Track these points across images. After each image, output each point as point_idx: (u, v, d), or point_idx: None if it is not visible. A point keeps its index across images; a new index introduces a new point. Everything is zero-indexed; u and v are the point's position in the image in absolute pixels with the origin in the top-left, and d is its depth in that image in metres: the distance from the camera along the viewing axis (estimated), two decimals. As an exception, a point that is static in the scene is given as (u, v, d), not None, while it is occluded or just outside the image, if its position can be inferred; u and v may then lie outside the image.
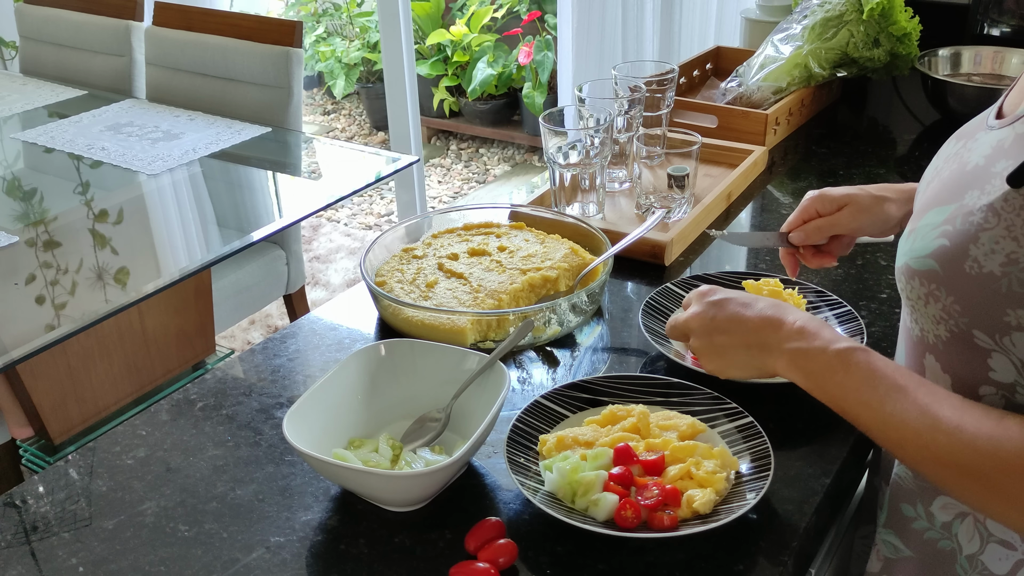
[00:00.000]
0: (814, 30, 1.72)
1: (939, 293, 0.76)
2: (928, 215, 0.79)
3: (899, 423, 0.73)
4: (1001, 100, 0.82)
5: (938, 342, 0.79)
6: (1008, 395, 0.75)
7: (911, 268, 0.78)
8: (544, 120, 1.34)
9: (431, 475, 0.84)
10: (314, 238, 3.87)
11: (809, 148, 1.71)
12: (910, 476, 0.87)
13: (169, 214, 2.04)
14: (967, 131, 0.84)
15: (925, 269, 0.77)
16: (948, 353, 0.78)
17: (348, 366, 0.96)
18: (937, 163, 0.87)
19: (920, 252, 0.77)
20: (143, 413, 1.04)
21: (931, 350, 0.81)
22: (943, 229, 0.76)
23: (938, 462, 0.71)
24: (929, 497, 0.85)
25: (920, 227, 0.79)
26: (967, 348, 0.76)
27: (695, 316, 0.90)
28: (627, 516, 0.82)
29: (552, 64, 4.17)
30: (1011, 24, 1.98)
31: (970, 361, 0.76)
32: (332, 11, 5.14)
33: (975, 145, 0.79)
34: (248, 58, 2.40)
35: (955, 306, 0.75)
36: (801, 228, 1.08)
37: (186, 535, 0.86)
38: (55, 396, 1.79)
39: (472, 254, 1.26)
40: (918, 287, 0.78)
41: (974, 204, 0.74)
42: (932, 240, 0.76)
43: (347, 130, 5.09)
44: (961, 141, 0.83)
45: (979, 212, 0.73)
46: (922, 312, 0.79)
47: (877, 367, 0.76)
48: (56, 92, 2.68)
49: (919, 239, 0.78)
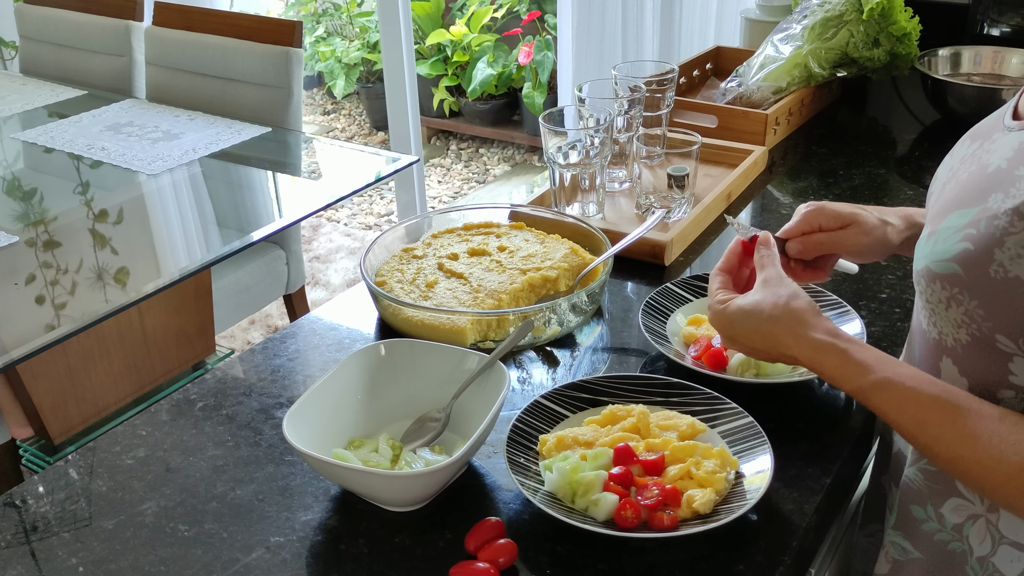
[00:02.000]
0: (814, 30, 1.72)
1: (962, 297, 0.75)
2: (949, 218, 0.77)
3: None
4: (1016, 99, 0.81)
5: (957, 345, 0.78)
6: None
7: (932, 271, 0.77)
8: (544, 120, 1.34)
9: (431, 475, 0.84)
10: (314, 238, 3.87)
11: (809, 148, 1.71)
12: (920, 478, 0.86)
13: (169, 214, 2.04)
14: (982, 131, 0.83)
15: (947, 273, 0.76)
16: (967, 356, 0.78)
17: (348, 366, 0.96)
18: (952, 163, 0.85)
19: (942, 255, 0.76)
20: (143, 413, 1.04)
21: (949, 353, 0.80)
22: (966, 232, 0.75)
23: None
24: (940, 499, 0.85)
25: (941, 230, 0.78)
26: (988, 352, 0.75)
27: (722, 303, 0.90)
28: (627, 516, 0.82)
29: (552, 64, 4.17)
30: (1011, 24, 1.98)
31: (990, 365, 0.76)
32: (332, 11, 5.14)
33: (993, 147, 0.79)
34: (248, 58, 2.40)
35: (978, 310, 0.74)
36: (801, 240, 1.00)
37: (186, 535, 0.86)
38: (55, 396, 1.79)
39: (472, 254, 1.26)
40: (939, 291, 0.77)
41: (999, 207, 0.73)
42: (955, 244, 0.75)
43: (347, 130, 5.09)
44: (977, 142, 0.82)
45: (1004, 216, 0.72)
46: (942, 316, 0.78)
47: (904, 389, 0.77)
48: (56, 92, 2.68)
49: (940, 242, 0.77)
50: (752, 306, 0.87)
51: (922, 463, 0.86)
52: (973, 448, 0.72)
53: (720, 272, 0.94)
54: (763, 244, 0.93)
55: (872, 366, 0.79)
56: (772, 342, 0.85)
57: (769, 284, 0.88)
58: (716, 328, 0.91)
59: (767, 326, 0.85)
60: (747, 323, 0.86)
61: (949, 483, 0.83)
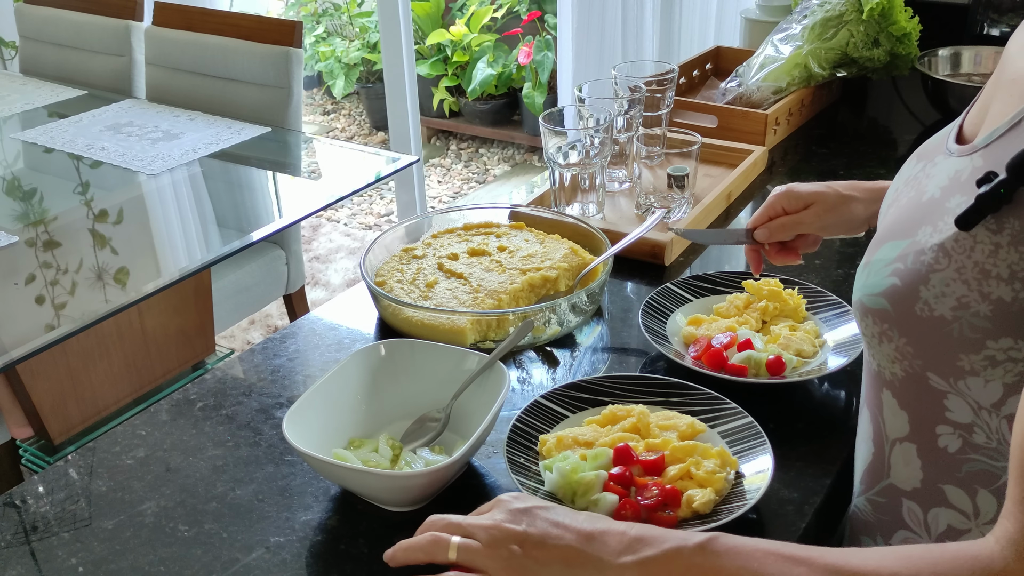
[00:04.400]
0: (814, 30, 1.72)
1: (891, 333, 0.73)
2: (882, 249, 0.75)
3: None
4: (961, 119, 0.78)
5: (894, 379, 0.76)
6: (965, 435, 0.72)
7: (864, 305, 0.75)
8: (544, 120, 1.34)
9: (431, 475, 0.84)
10: (314, 238, 3.87)
11: (809, 148, 1.71)
12: (869, 509, 0.84)
13: (169, 214, 2.04)
14: (927, 151, 0.80)
15: (878, 308, 0.73)
16: (904, 391, 0.75)
17: (348, 366, 0.96)
18: (897, 184, 0.83)
19: (873, 289, 0.74)
20: (143, 413, 1.04)
21: (888, 386, 0.77)
22: (895, 267, 0.72)
23: None
24: (888, 531, 0.82)
25: (874, 261, 0.75)
26: (922, 388, 0.73)
27: (495, 526, 0.71)
28: (627, 516, 0.82)
29: (552, 64, 4.17)
30: (1011, 24, 1.98)
31: (926, 401, 0.73)
32: (332, 11, 5.14)
33: (934, 171, 0.76)
34: (248, 58, 2.40)
35: (908, 347, 0.72)
36: (765, 226, 1.06)
37: (186, 535, 0.86)
38: (55, 396, 1.79)
39: (472, 254, 1.26)
40: (871, 325, 0.75)
41: (926, 242, 0.70)
42: (884, 278, 0.73)
43: (347, 130, 5.08)
44: (921, 163, 0.79)
45: (930, 251, 0.69)
46: (877, 349, 0.76)
47: (751, 545, 0.66)
48: (56, 92, 2.68)
49: (872, 275, 0.75)
50: (560, 508, 0.74)
51: (870, 493, 0.83)
52: None
53: None
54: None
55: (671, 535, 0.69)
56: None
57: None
58: (496, 535, 0.71)
59: (584, 520, 0.72)
60: (553, 517, 0.72)
61: (896, 515, 0.80)
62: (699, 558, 0.66)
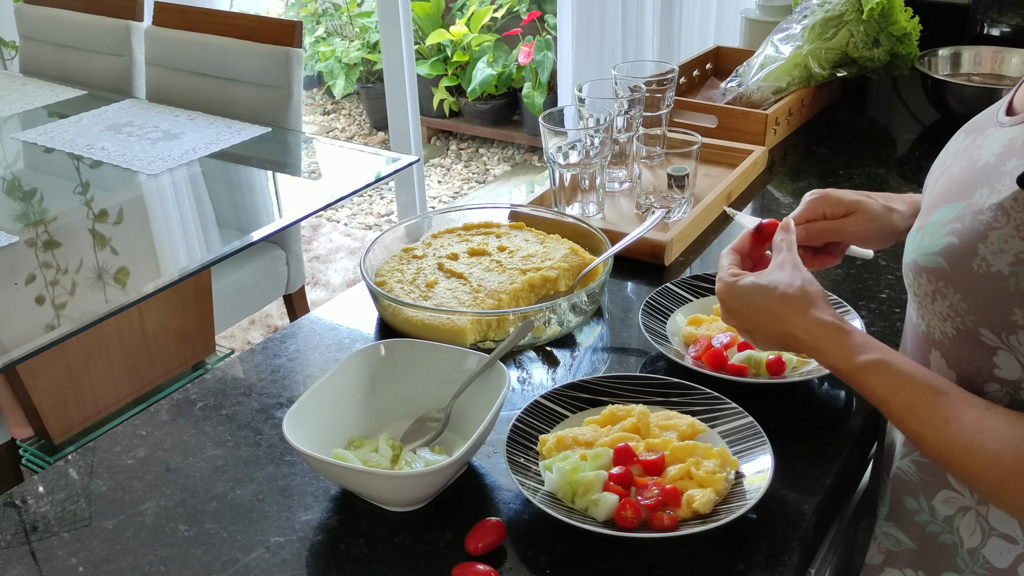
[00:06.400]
0: (814, 30, 1.72)
1: (946, 290, 0.76)
2: (937, 212, 0.79)
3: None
4: (1011, 95, 0.82)
5: (944, 338, 0.79)
6: (1013, 392, 0.75)
7: (919, 265, 0.79)
8: (544, 120, 1.34)
9: (431, 475, 0.84)
10: (314, 238, 3.87)
11: (809, 148, 1.71)
12: (912, 469, 0.87)
13: (169, 214, 2.04)
14: (976, 126, 0.84)
15: (933, 266, 0.77)
16: (954, 349, 0.79)
17: (348, 366, 0.96)
18: (946, 157, 0.86)
19: (929, 249, 0.78)
20: (143, 413, 1.04)
21: (937, 346, 0.81)
22: (952, 227, 0.76)
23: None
24: (932, 491, 0.85)
25: (929, 224, 0.79)
26: (973, 345, 0.76)
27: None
28: (627, 516, 0.82)
29: (552, 64, 4.17)
30: (1011, 24, 1.98)
31: (976, 358, 0.77)
32: (332, 11, 5.14)
33: (985, 141, 0.79)
34: (248, 58, 2.40)
35: (962, 304, 0.75)
36: (804, 227, 1.00)
37: (186, 535, 0.86)
38: (55, 396, 1.79)
39: (472, 254, 1.26)
40: (925, 284, 0.78)
41: (984, 202, 0.74)
42: (941, 238, 0.76)
43: (347, 130, 5.08)
44: (970, 136, 0.83)
45: (988, 211, 0.73)
46: (929, 309, 0.80)
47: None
48: (56, 92, 2.68)
49: (928, 236, 0.78)
50: (766, 283, 0.87)
51: (914, 455, 0.87)
52: (956, 435, 0.73)
53: (732, 252, 0.95)
54: (783, 228, 0.94)
55: (871, 348, 0.80)
56: (777, 321, 0.85)
57: (784, 267, 0.88)
58: (722, 301, 0.90)
59: (777, 304, 0.85)
60: (756, 299, 0.87)
61: (940, 475, 0.84)
62: (854, 352, 0.80)
